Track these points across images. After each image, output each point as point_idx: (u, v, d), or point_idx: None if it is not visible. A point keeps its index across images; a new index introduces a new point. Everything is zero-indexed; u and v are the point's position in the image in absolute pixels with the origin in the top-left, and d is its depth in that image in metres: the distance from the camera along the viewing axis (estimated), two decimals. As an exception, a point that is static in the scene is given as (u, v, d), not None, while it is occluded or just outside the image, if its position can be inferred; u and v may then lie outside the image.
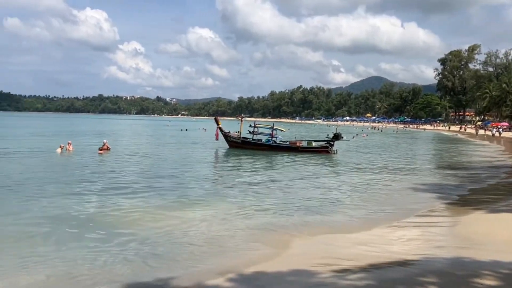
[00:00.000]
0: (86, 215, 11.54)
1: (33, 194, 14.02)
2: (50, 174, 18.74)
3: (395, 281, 6.73)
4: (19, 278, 7.25)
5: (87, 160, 24.55)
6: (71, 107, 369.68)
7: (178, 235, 9.89)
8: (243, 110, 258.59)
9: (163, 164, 24.34)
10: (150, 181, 17.70)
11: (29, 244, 8.95)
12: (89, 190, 15.11)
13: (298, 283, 6.92)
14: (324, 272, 7.33)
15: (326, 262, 7.96)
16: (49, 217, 11.07)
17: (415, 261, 7.95)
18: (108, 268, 7.79)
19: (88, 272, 7.58)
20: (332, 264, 7.77)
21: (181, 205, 13.16)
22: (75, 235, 9.68)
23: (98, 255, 8.40)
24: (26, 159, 24.17)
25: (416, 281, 6.64)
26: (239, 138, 35.61)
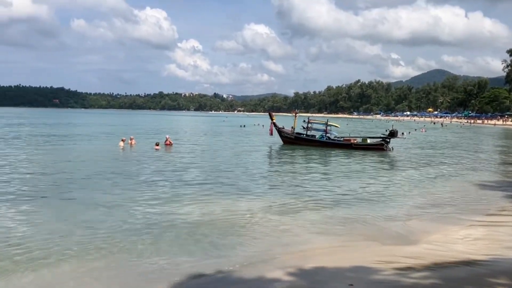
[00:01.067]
0: (149, 206, 11.97)
1: (97, 187, 14.80)
2: (113, 168, 19.64)
3: (462, 280, 6.47)
4: (89, 256, 7.64)
5: (148, 154, 25.57)
6: (133, 104, 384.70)
7: (240, 227, 10.05)
8: (299, 106, 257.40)
9: (221, 158, 24.84)
10: (209, 174, 18.12)
11: (92, 232, 9.40)
12: (151, 182, 15.72)
13: (358, 280, 6.80)
14: (386, 269, 7.18)
15: (387, 259, 7.79)
16: (112, 209, 11.62)
17: (483, 261, 7.60)
18: (173, 259, 8.02)
19: (155, 262, 7.86)
20: (394, 262, 7.59)
21: (239, 198, 13.34)
22: (138, 227, 10.06)
23: (163, 245, 8.70)
24: (91, 153, 25.63)
25: (485, 282, 6.35)
26: (293, 133, 35.50)
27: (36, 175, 17.13)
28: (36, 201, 12.28)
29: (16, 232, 9.25)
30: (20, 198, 12.61)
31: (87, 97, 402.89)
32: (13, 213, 10.91)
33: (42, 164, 20.68)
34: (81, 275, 7.15)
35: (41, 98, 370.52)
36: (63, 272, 7.26)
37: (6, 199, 12.32)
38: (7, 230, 9.35)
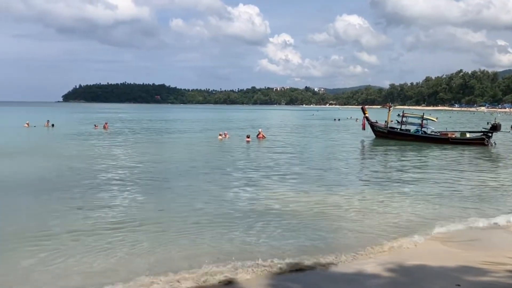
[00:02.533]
0: (244, 198, 12.42)
1: (197, 177, 15.68)
2: (210, 159, 20.77)
3: None
4: (181, 246, 8.14)
5: (240, 146, 26.64)
6: (227, 99, 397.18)
7: (334, 221, 10.01)
8: (395, 98, 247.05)
9: (312, 151, 24.99)
10: (300, 167, 18.39)
11: (193, 221, 9.95)
12: (245, 174, 16.29)
13: (466, 281, 6.37)
14: (497, 271, 6.71)
15: (497, 260, 7.28)
16: (209, 199, 12.25)
17: None
18: (270, 248, 8.22)
19: (251, 249, 8.16)
20: (506, 264, 7.10)
21: (331, 191, 13.33)
22: (234, 216, 10.46)
23: (258, 234, 8.99)
24: (191, 146, 27.19)
25: None
26: (386, 128, 34.52)
27: (148, 164, 18.85)
28: (146, 187, 13.48)
29: (150, 211, 10.41)
30: (128, 184, 13.99)
31: (186, 93, 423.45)
32: (133, 195, 12.22)
33: (153, 155, 22.70)
34: (196, 250, 7.68)
35: (144, 95, 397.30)
36: (183, 244, 7.93)
37: (127, 185, 13.84)
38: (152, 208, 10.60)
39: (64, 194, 12.51)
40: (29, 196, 12.50)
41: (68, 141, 30.11)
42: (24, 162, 19.64)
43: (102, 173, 16.50)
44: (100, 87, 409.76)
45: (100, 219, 10.03)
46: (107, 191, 13.11)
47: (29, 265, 7.29)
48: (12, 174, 16.12)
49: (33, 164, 18.86)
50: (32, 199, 12.13)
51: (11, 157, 21.00)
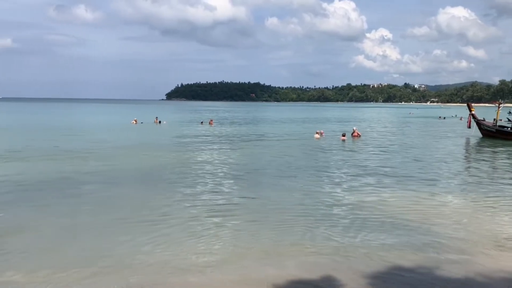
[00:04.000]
0: (340, 199, 12.53)
1: (294, 175, 16.03)
2: (308, 157, 21.15)
3: None
4: (283, 244, 8.51)
5: (336, 145, 26.61)
6: (321, 97, 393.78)
7: (434, 224, 9.74)
8: (505, 95, 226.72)
9: (410, 150, 24.22)
10: (397, 166, 18.11)
11: (283, 219, 10.35)
12: (341, 173, 16.37)
13: None
14: None
15: None
16: (306, 196, 12.58)
17: None
18: (369, 247, 8.34)
19: (346, 251, 8.30)
20: None
21: (432, 192, 12.96)
22: (330, 216, 10.72)
23: (358, 233, 9.12)
24: (288, 143, 27.69)
25: None
26: (494, 126, 32.24)
27: (247, 160, 19.91)
28: (245, 182, 14.21)
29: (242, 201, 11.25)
30: (229, 177, 14.82)
31: (279, 91, 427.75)
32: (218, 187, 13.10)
33: (252, 151, 23.81)
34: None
35: (240, 93, 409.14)
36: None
37: (227, 178, 14.78)
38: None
39: (173, 185, 13.73)
40: (144, 186, 13.89)
41: (175, 136, 32.46)
42: (134, 156, 21.51)
43: (206, 166, 17.81)
44: (199, 85, 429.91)
45: (204, 208, 10.94)
46: (210, 184, 14.09)
47: (146, 246, 8.23)
48: (124, 167, 17.89)
49: (143, 158, 20.70)
50: (145, 189, 13.42)
51: (124, 152, 23.07)
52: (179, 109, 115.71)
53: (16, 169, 16.63)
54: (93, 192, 12.88)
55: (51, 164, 18.12)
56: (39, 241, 8.58)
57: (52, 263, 7.38)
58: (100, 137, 31.10)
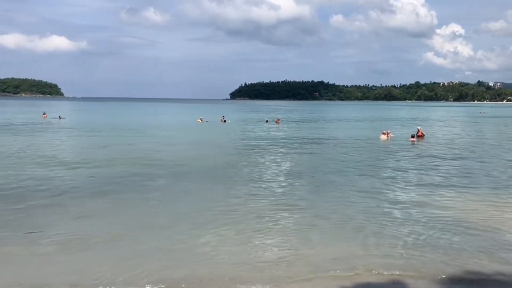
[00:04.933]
0: (407, 200, 12.28)
1: (356, 176, 15.87)
2: (373, 158, 20.74)
3: None
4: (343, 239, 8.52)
5: (403, 146, 25.80)
6: (388, 95, 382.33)
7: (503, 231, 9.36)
8: None
9: (483, 153, 23.02)
10: (466, 167, 17.43)
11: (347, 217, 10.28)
12: (408, 174, 15.98)
13: None
14: None
15: None
16: (369, 198, 12.40)
17: None
18: (427, 249, 8.12)
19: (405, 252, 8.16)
20: None
21: (504, 196, 12.33)
22: (397, 217, 10.49)
23: (425, 237, 8.90)
24: (353, 144, 27.22)
25: None
26: None
27: (311, 158, 19.96)
28: (310, 180, 14.32)
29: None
30: (293, 174, 14.98)
31: (344, 89, 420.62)
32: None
33: (315, 150, 23.72)
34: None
35: (303, 92, 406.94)
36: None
37: (292, 175, 14.93)
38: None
39: (239, 181, 14.08)
40: (210, 182, 14.27)
41: (240, 134, 33.01)
42: (200, 153, 22.25)
43: (272, 163, 18.08)
44: (263, 85, 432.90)
45: (270, 205, 11.18)
46: (276, 181, 14.32)
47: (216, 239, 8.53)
48: (191, 163, 18.53)
49: (209, 155, 21.31)
50: (211, 184, 13.80)
51: (190, 149, 23.98)
52: (243, 108, 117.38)
53: (94, 164, 17.76)
54: (161, 187, 13.63)
55: (124, 160, 19.25)
56: (113, 229, 9.23)
57: (124, 252, 7.90)
58: (167, 135, 32.56)
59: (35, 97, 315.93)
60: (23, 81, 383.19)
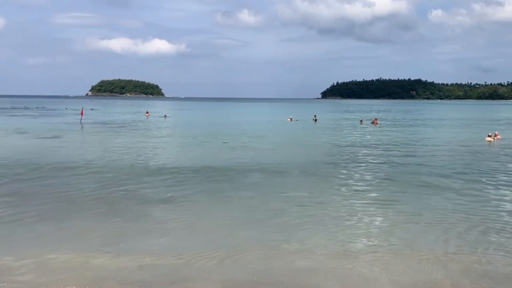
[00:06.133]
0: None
1: (455, 180, 14.85)
2: (475, 161, 19.37)
3: None
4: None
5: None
6: (493, 94, 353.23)
7: None
8: None
9: None
10: None
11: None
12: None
13: None
14: None
15: None
16: (469, 202, 11.63)
17: None
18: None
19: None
20: None
21: None
22: (501, 224, 9.81)
23: None
24: (454, 146, 25.64)
25: None
26: None
27: (407, 161, 19.06)
28: (407, 182, 13.77)
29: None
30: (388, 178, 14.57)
31: (443, 88, 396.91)
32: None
33: (414, 151, 22.60)
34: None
35: (398, 90, 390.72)
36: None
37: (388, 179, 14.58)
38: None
39: (330, 178, 13.92)
40: (301, 178, 14.33)
41: (332, 133, 32.75)
42: (290, 150, 22.57)
43: (365, 163, 17.61)
44: (355, 83, 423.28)
45: (362, 202, 11.02)
46: (369, 180, 13.98)
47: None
48: (280, 160, 18.82)
49: (300, 152, 21.44)
50: (303, 180, 13.80)
51: (280, 147, 24.42)
52: (334, 107, 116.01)
53: (191, 158, 18.78)
54: (253, 182, 14.13)
55: (219, 156, 20.30)
56: (204, 222, 9.70)
57: (225, 241, 8.30)
58: (259, 133, 33.45)
59: (139, 97, 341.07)
60: (128, 82, 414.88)
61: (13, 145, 24.45)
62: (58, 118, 51.78)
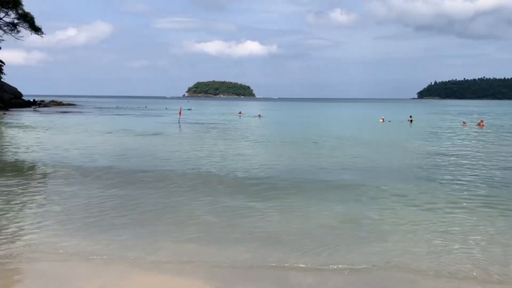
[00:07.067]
0: None
1: None
2: None
3: None
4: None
5: None
6: None
7: None
8: None
9: None
10: None
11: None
12: None
13: None
14: None
15: None
16: None
17: None
18: None
19: None
20: None
21: None
22: None
23: None
24: None
25: None
26: None
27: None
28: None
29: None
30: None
31: None
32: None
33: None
34: None
35: (505, 90, 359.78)
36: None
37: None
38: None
39: (429, 182, 13.24)
40: (396, 182, 13.64)
41: (431, 136, 31.23)
42: (382, 152, 22.17)
43: (466, 168, 16.52)
44: (455, 83, 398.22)
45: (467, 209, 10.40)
46: (476, 186, 13.07)
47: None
48: (371, 162, 18.44)
49: (392, 154, 21.04)
50: (399, 184, 13.10)
51: (370, 148, 23.99)
52: (432, 108, 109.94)
53: (279, 158, 19.15)
54: (343, 183, 13.76)
55: (307, 156, 20.36)
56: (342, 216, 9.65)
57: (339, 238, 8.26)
58: (348, 134, 32.94)
59: (231, 98, 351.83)
60: (222, 83, 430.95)
61: (125, 142, 26.68)
62: (159, 118, 55.30)
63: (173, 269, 7.08)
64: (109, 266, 7.12)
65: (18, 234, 8.58)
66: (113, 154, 20.17)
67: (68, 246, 7.88)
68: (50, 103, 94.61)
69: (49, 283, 6.52)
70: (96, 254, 7.54)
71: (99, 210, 10.34)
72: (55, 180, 14.32)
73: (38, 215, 9.95)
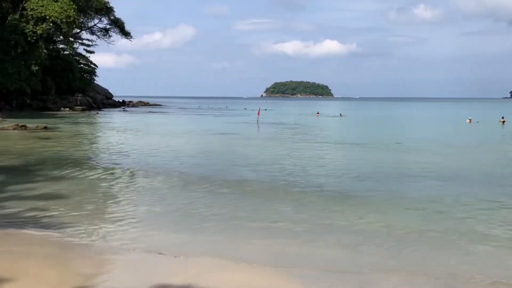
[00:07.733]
0: None
1: None
2: None
3: None
4: None
5: None
6: None
7: None
8: None
9: None
10: None
11: None
12: None
13: None
14: None
15: None
16: None
17: None
18: None
19: None
20: None
21: None
22: None
23: None
24: None
25: None
26: None
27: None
28: None
29: None
30: None
31: None
32: None
33: None
34: None
35: None
36: None
37: None
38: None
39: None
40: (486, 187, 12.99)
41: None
42: (467, 155, 21.38)
43: None
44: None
45: None
46: None
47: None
48: (455, 165, 17.79)
49: (478, 157, 20.28)
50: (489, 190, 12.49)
51: (455, 150, 23.00)
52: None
53: (358, 158, 18.89)
54: (426, 188, 13.23)
55: (387, 156, 20.03)
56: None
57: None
58: (432, 135, 31.62)
59: (309, 98, 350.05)
60: (299, 83, 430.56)
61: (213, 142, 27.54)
62: (238, 117, 56.66)
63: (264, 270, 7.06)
64: (194, 262, 7.36)
65: (117, 230, 9.25)
66: (204, 158, 19.78)
67: (159, 241, 8.38)
68: (138, 103, 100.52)
69: (138, 273, 7.00)
70: (183, 250, 7.87)
71: (191, 212, 10.61)
72: (150, 179, 14.47)
73: (139, 213, 10.62)
